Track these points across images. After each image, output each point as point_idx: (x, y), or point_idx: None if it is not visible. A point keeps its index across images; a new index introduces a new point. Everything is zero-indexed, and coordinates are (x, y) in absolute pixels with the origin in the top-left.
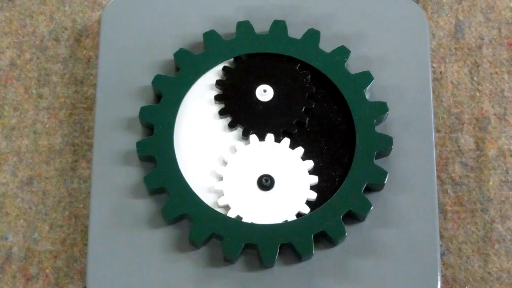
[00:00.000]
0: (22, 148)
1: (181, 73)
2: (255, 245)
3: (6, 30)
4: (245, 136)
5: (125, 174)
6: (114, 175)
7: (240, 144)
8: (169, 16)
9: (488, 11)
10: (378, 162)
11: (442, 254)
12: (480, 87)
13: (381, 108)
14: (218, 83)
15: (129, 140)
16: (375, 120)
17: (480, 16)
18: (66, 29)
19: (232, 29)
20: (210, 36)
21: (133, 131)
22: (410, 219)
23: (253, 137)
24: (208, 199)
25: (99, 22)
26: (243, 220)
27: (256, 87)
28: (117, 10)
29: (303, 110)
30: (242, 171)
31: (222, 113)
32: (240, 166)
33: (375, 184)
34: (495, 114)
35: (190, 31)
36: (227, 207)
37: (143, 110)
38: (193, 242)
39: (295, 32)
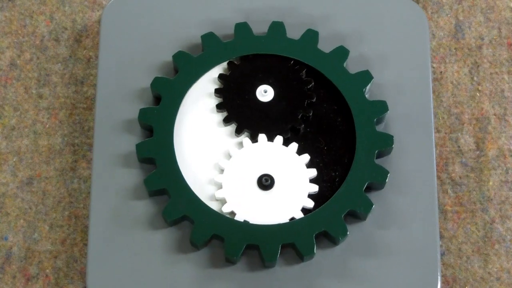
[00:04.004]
0: (22, 148)
1: (180, 75)
2: (257, 246)
3: (6, 30)
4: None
5: (125, 174)
6: (114, 176)
7: (235, 149)
8: (169, 16)
9: (488, 11)
10: (379, 162)
11: (442, 254)
12: (480, 87)
13: (381, 107)
14: (221, 77)
15: (129, 141)
16: (375, 119)
17: (480, 16)
18: (66, 29)
19: (230, 31)
20: (208, 38)
21: (133, 132)
22: (410, 219)
23: (246, 140)
24: (212, 207)
25: (99, 22)
26: (250, 223)
27: (256, 88)
28: (117, 10)
29: (299, 117)
30: (241, 174)
31: (226, 120)
32: (238, 169)
33: (376, 183)
34: (495, 114)
35: (189, 32)
36: (232, 213)
37: (142, 112)
38: (194, 244)
39: (294, 32)
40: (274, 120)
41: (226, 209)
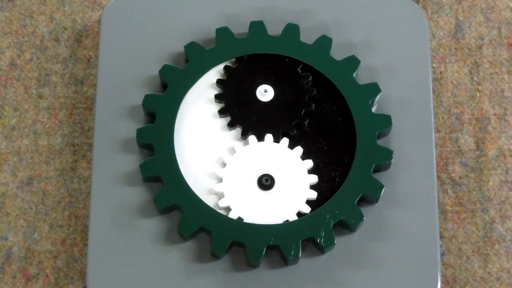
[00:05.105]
0: (22, 148)
1: (190, 65)
2: (243, 244)
3: (6, 30)
4: (244, 136)
5: (125, 175)
6: (114, 176)
7: (239, 145)
8: (168, 16)
9: (488, 11)
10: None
11: (442, 254)
12: (480, 87)
13: (384, 122)
14: (219, 82)
15: (130, 142)
16: (377, 133)
17: (480, 16)
18: (66, 29)
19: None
20: (222, 32)
21: (133, 133)
22: (410, 219)
23: (252, 138)
24: (209, 200)
25: (99, 22)
26: (244, 221)
27: (257, 87)
28: (117, 10)
29: (302, 112)
30: (242, 172)
31: (222, 112)
32: (239, 166)
33: (370, 196)
34: (495, 114)
35: (189, 32)
36: (228, 209)
37: (147, 97)
38: (181, 234)
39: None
40: (278, 119)
41: (222, 204)
